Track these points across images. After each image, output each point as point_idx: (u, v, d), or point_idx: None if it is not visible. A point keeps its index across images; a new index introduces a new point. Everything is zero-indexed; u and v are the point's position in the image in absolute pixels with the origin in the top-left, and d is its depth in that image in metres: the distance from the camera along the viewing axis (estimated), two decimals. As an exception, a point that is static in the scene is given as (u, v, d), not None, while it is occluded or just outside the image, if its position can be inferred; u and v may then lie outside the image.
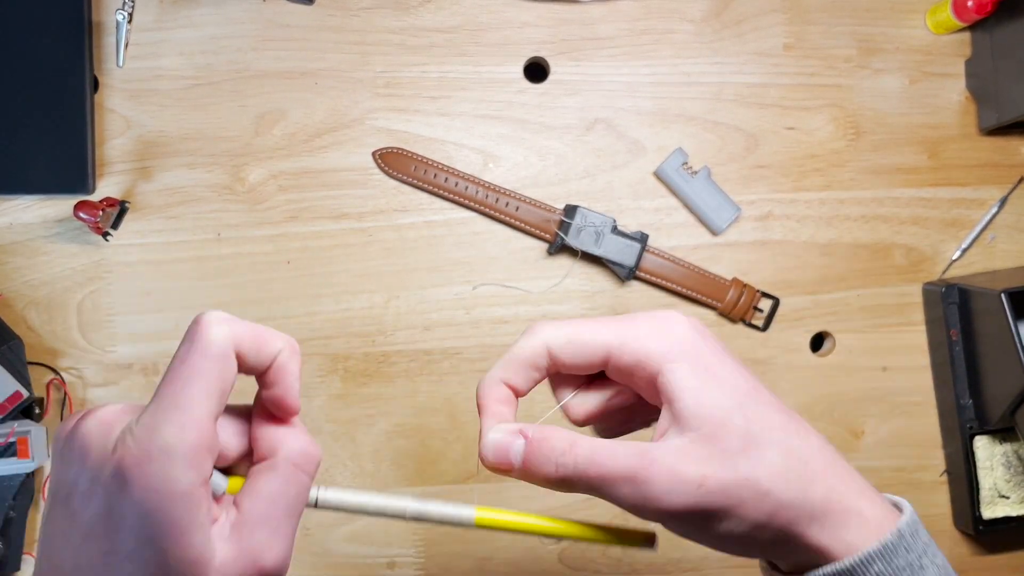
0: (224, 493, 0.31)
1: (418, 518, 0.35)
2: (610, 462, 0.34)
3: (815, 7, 0.64)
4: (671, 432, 0.34)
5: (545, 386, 0.39)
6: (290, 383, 0.32)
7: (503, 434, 0.35)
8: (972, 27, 0.65)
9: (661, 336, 0.34)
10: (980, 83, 0.65)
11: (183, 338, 0.31)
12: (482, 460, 0.36)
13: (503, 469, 0.36)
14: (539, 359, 0.36)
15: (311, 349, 0.62)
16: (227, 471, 0.32)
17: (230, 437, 0.32)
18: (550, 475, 0.35)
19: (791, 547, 0.33)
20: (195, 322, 0.31)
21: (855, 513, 0.33)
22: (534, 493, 0.64)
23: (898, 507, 0.35)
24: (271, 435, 0.32)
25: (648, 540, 0.37)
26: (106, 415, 0.30)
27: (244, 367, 0.31)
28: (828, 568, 0.33)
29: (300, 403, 0.32)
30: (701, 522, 0.33)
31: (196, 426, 0.29)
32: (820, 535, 0.33)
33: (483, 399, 0.37)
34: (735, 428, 0.33)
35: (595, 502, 0.36)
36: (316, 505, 0.33)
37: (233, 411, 0.33)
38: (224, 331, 0.30)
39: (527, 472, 0.36)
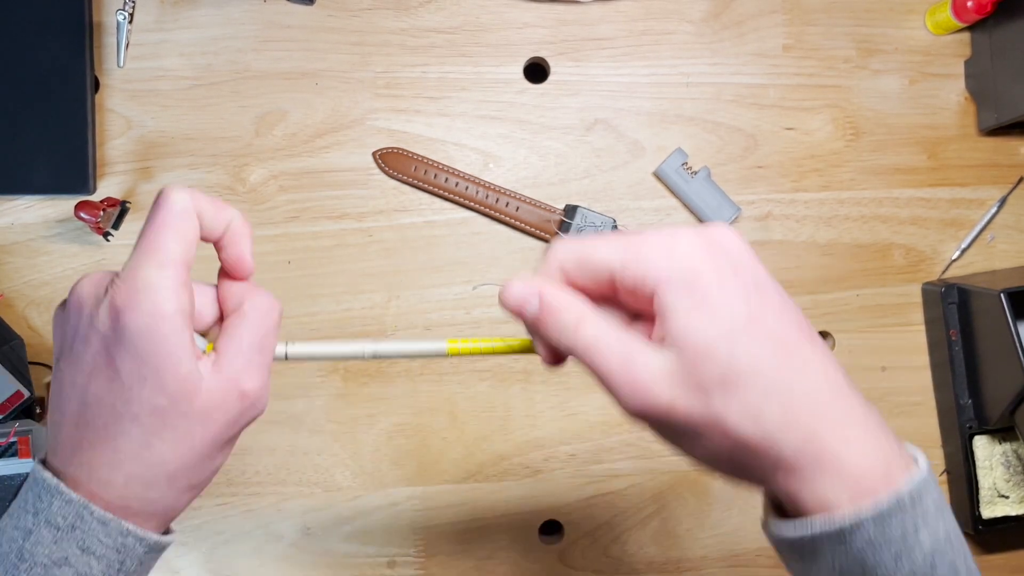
0: (204, 352, 0.36)
1: (377, 356, 0.39)
2: (599, 357, 0.33)
3: (815, 8, 0.65)
4: (661, 344, 0.33)
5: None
6: (244, 245, 0.38)
7: (524, 287, 0.35)
8: (971, 28, 0.65)
9: (663, 255, 0.33)
10: (979, 83, 0.65)
11: (152, 206, 0.36)
12: (500, 300, 0.36)
13: (516, 315, 0.36)
14: (555, 276, 0.36)
15: (311, 349, 0.62)
16: (204, 335, 0.37)
17: (202, 305, 0.37)
18: (553, 342, 0.35)
19: (764, 485, 0.33)
20: (161, 192, 0.36)
21: (833, 464, 0.32)
22: (529, 492, 0.64)
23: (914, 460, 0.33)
24: (236, 291, 0.38)
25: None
26: (95, 276, 0.36)
27: (204, 230, 0.37)
28: (796, 525, 0.32)
29: (254, 264, 0.38)
30: (667, 435, 0.34)
31: (172, 263, 0.35)
32: (788, 483, 0.32)
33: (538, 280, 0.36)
34: (716, 360, 0.32)
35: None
36: (287, 357, 0.39)
37: (202, 284, 0.38)
38: (185, 195, 0.36)
39: (537, 330, 0.36)
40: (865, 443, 0.32)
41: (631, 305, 0.36)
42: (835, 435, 0.32)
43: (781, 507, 0.34)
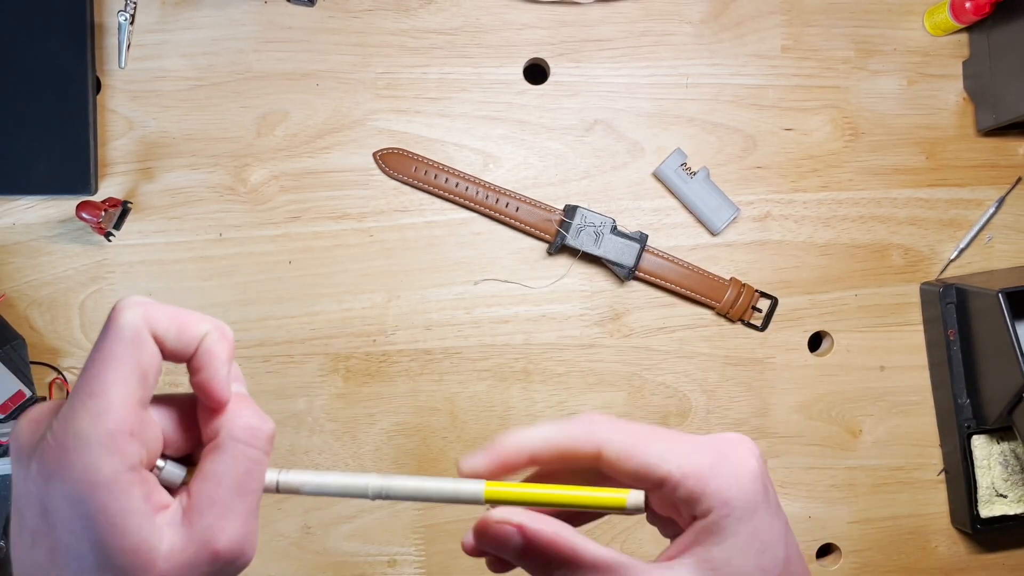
0: (182, 483, 0.30)
1: (380, 496, 0.33)
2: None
3: (813, 9, 0.65)
4: (687, 563, 0.33)
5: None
6: (216, 368, 0.29)
7: (501, 526, 0.35)
8: (970, 28, 0.65)
9: (729, 484, 0.32)
10: (977, 84, 0.65)
11: (103, 327, 0.29)
12: (469, 541, 0.36)
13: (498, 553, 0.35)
14: (585, 452, 0.33)
15: (312, 349, 0.62)
16: (187, 461, 0.31)
17: (177, 426, 0.30)
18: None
19: None
20: (112, 309, 0.29)
21: None
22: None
23: None
24: (211, 416, 0.30)
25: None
26: (36, 414, 0.29)
27: (166, 352, 0.29)
28: None
29: (229, 391, 0.30)
30: None
31: (112, 411, 0.27)
32: None
33: (496, 454, 0.35)
34: None
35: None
36: (278, 489, 0.31)
37: (180, 400, 0.31)
38: (136, 314, 0.28)
39: (522, 563, 0.35)
40: None
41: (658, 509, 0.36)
42: None
43: None
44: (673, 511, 0.34)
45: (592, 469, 0.33)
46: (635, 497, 0.33)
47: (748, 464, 0.32)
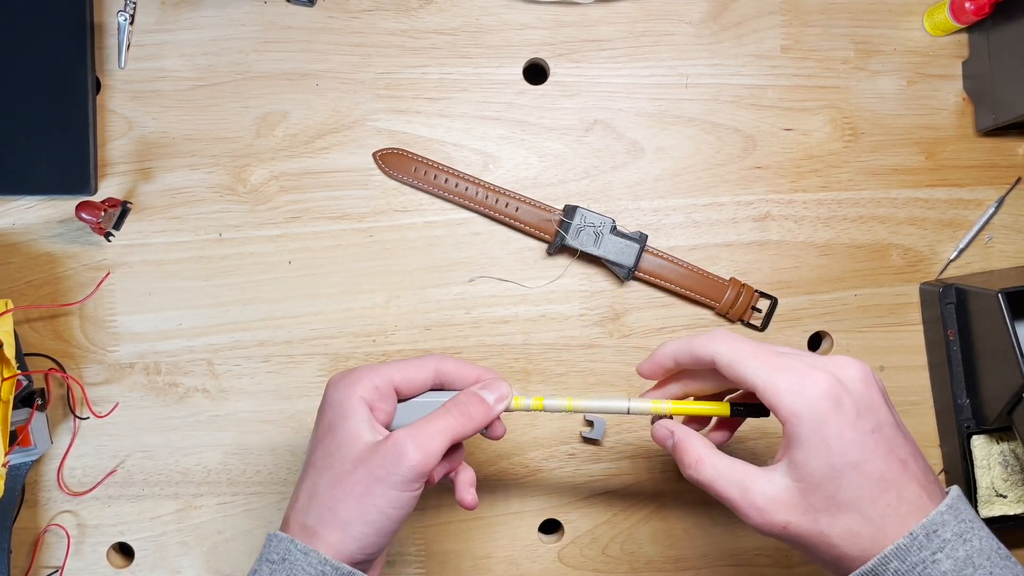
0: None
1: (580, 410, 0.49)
2: (721, 490, 0.44)
3: (813, 9, 0.65)
4: (781, 466, 0.42)
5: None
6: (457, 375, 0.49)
7: (662, 429, 0.48)
8: (969, 29, 0.65)
9: (796, 392, 0.42)
10: (977, 84, 0.65)
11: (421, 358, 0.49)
12: (653, 435, 0.49)
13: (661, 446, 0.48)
14: (705, 359, 0.46)
15: (312, 349, 0.62)
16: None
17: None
18: (683, 471, 0.46)
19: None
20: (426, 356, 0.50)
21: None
22: (529, 491, 0.64)
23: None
24: (465, 387, 0.49)
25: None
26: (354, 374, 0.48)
27: (448, 385, 0.49)
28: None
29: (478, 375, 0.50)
30: (786, 543, 0.43)
31: (381, 375, 0.48)
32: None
33: (655, 361, 0.49)
34: (826, 491, 0.41)
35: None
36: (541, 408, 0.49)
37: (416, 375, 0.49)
38: (433, 363, 0.49)
39: (673, 455, 0.47)
40: (915, 518, 0.41)
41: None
42: (902, 530, 0.41)
43: None
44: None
45: (715, 374, 0.46)
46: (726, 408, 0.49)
47: (817, 383, 0.41)
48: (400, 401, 0.48)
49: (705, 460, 0.45)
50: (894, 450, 0.42)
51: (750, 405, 0.48)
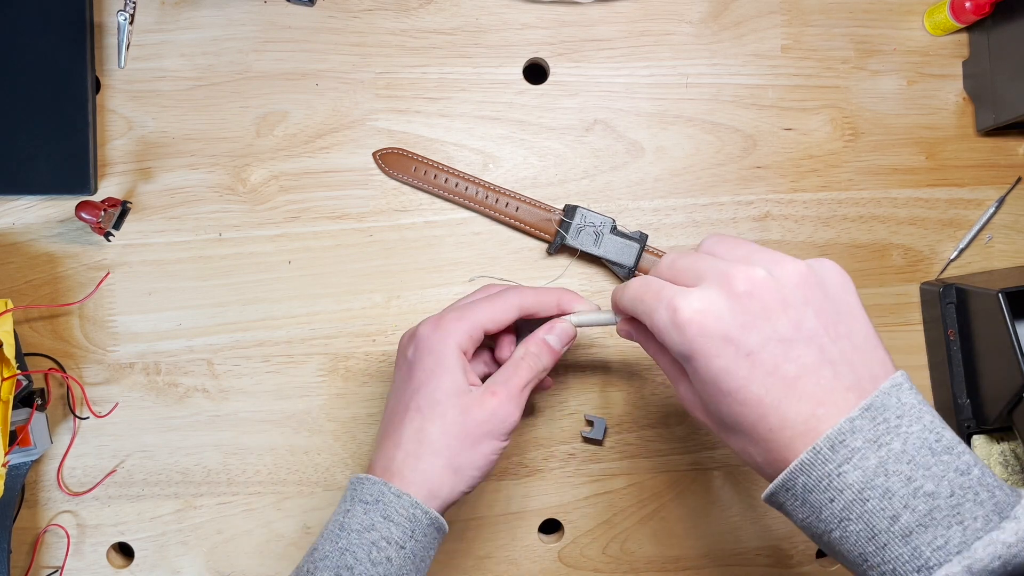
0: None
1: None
2: (667, 376, 0.47)
3: (813, 9, 0.65)
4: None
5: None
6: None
7: (625, 328, 0.50)
8: (969, 28, 0.65)
9: (668, 330, 0.42)
10: (977, 84, 0.65)
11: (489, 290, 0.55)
12: (618, 332, 0.51)
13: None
14: (626, 314, 0.48)
15: (312, 349, 0.62)
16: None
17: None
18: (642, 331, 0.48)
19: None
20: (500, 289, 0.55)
21: (802, 429, 0.39)
22: (529, 491, 0.64)
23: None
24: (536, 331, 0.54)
25: None
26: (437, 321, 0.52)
27: (529, 312, 0.54)
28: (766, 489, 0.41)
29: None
30: (684, 364, 0.42)
31: (471, 321, 0.52)
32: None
33: (621, 315, 0.50)
34: (715, 416, 0.42)
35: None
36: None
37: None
38: (516, 297, 0.54)
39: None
40: (807, 439, 0.39)
41: None
42: (788, 453, 0.39)
43: None
44: None
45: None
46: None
47: (680, 317, 0.41)
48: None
49: (662, 353, 0.47)
50: (779, 367, 0.39)
51: None
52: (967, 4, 0.61)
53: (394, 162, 0.62)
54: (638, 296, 0.44)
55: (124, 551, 0.63)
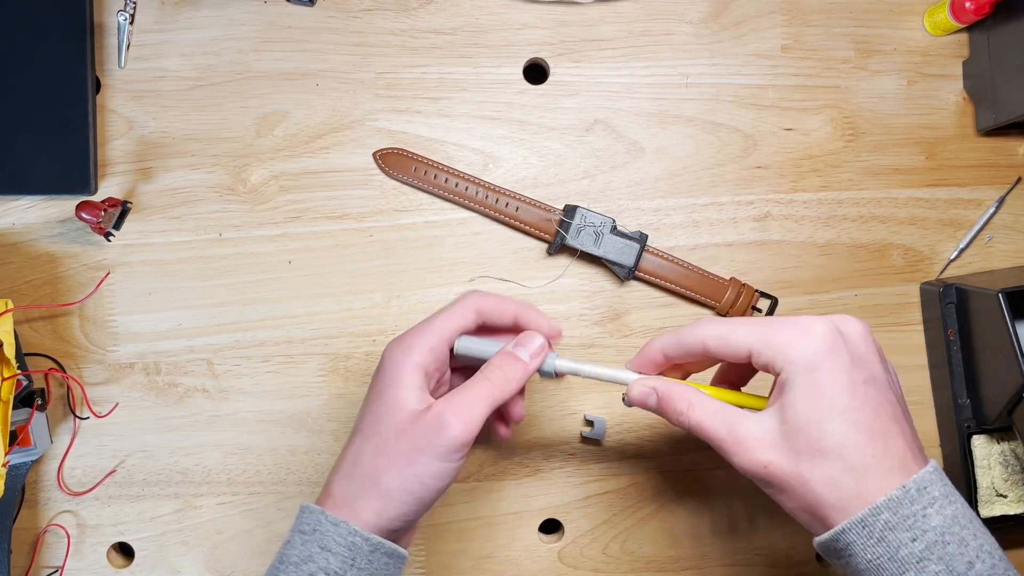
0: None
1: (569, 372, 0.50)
2: (710, 430, 0.44)
3: (813, 9, 0.65)
4: (771, 410, 0.43)
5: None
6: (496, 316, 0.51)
7: (642, 387, 0.47)
8: (970, 28, 0.65)
9: (792, 342, 0.42)
10: (977, 84, 0.65)
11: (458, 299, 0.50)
12: (628, 399, 0.48)
13: (642, 407, 0.48)
14: (695, 348, 0.46)
15: (312, 349, 0.62)
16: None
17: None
18: (674, 423, 0.46)
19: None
20: (464, 295, 0.51)
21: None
22: (529, 491, 0.64)
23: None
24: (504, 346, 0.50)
25: None
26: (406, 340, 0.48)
27: (489, 322, 0.50)
28: (832, 530, 0.41)
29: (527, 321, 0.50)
30: (765, 487, 0.44)
31: (416, 349, 0.48)
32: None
33: (645, 356, 0.49)
34: (810, 435, 0.41)
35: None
36: (555, 373, 0.50)
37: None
38: (475, 300, 0.50)
39: (660, 414, 0.47)
40: (899, 475, 0.41)
41: (729, 374, 0.52)
42: (884, 487, 0.41)
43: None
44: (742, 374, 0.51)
45: (710, 356, 0.47)
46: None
47: (814, 330, 0.42)
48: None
49: (696, 404, 0.45)
50: (884, 405, 0.42)
51: None
52: (967, 4, 0.61)
53: (394, 162, 0.62)
54: (734, 323, 0.45)
55: (124, 551, 0.63)
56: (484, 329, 0.50)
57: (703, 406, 0.45)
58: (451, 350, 0.49)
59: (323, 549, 0.44)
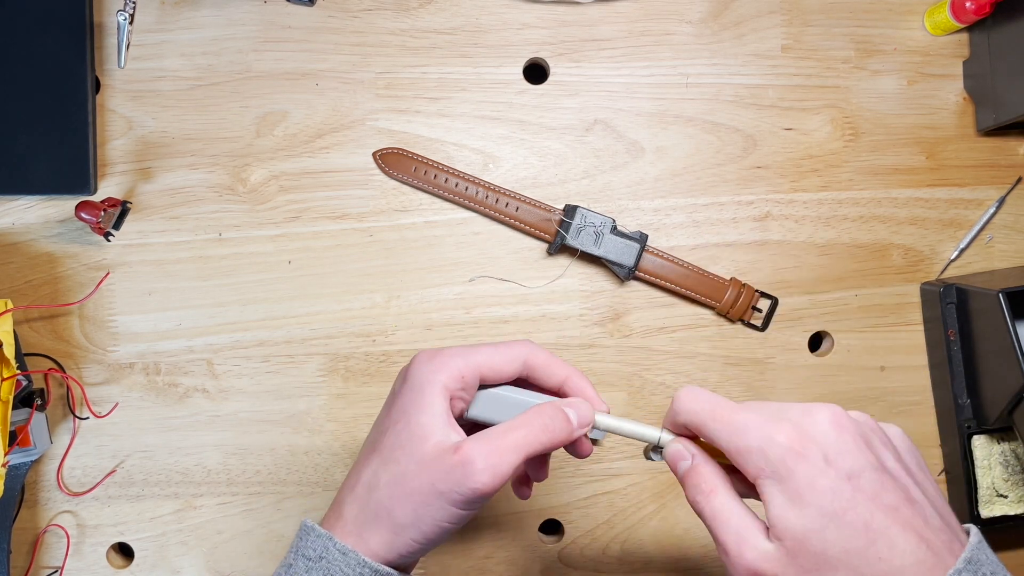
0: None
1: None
2: (721, 528, 0.40)
3: (813, 9, 0.65)
4: (770, 535, 0.39)
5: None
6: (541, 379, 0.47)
7: (681, 447, 0.44)
8: (970, 28, 0.65)
9: (758, 452, 0.39)
10: (978, 84, 0.65)
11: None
12: (664, 456, 0.45)
13: (671, 466, 0.44)
14: (685, 427, 0.43)
15: (312, 349, 0.62)
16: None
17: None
18: (688, 498, 0.42)
19: None
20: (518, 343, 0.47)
21: None
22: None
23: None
24: (544, 399, 0.46)
25: None
26: (435, 355, 0.45)
27: (538, 381, 0.47)
28: None
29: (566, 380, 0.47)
30: None
31: (466, 366, 0.44)
32: None
33: (670, 419, 0.44)
34: (811, 549, 0.37)
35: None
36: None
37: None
38: (524, 349, 0.47)
39: (682, 483, 0.43)
40: (930, 572, 0.37)
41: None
42: None
43: None
44: None
45: None
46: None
47: (778, 437, 0.38)
48: (482, 387, 0.45)
49: (719, 492, 0.41)
50: (879, 496, 0.38)
51: None
52: (967, 4, 0.61)
53: (394, 162, 0.62)
54: (710, 413, 0.41)
55: (124, 551, 0.62)
56: (518, 384, 0.47)
57: (723, 501, 0.41)
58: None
59: None
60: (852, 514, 0.37)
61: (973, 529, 0.40)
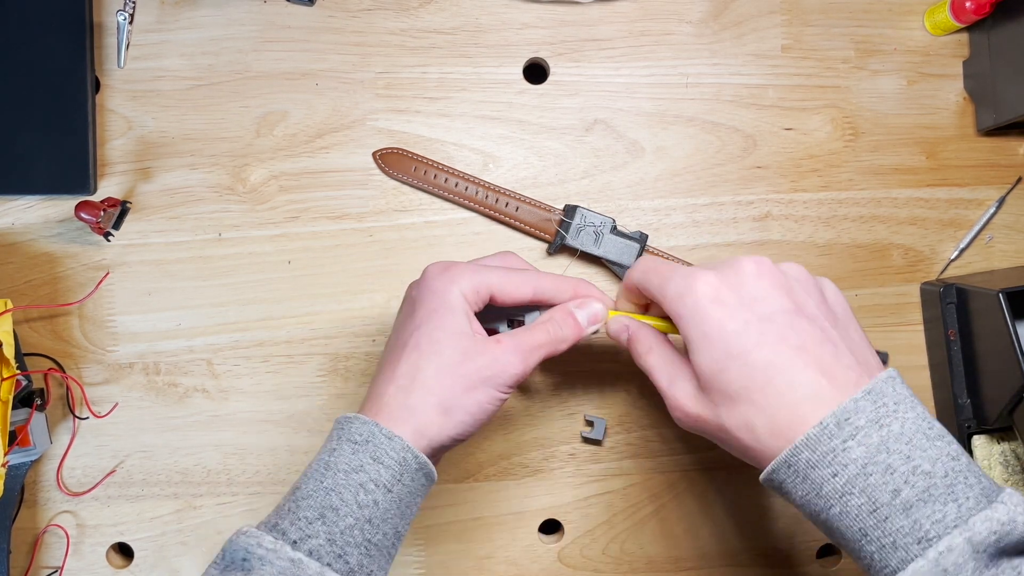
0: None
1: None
2: (657, 377, 0.48)
3: (813, 9, 0.65)
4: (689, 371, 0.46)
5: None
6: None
7: (620, 323, 0.52)
8: (970, 28, 0.65)
9: (681, 297, 0.44)
10: (978, 84, 0.65)
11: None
12: (607, 330, 0.52)
13: (616, 341, 0.52)
14: (637, 287, 0.50)
15: (312, 349, 0.62)
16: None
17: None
18: (636, 362, 0.50)
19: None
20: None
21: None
22: (529, 491, 0.64)
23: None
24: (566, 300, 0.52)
25: None
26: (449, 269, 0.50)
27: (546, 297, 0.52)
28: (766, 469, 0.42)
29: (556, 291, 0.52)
30: (705, 436, 0.46)
31: (484, 271, 0.50)
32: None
33: (623, 289, 0.52)
34: (718, 385, 0.43)
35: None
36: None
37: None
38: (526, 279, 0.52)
39: (629, 351, 0.51)
40: (812, 405, 0.41)
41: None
42: (808, 421, 0.40)
43: None
44: None
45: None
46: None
47: (698, 285, 0.44)
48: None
49: (655, 349, 0.48)
50: (787, 337, 0.42)
51: None
52: (967, 4, 0.61)
53: (394, 162, 0.62)
54: (652, 268, 0.47)
55: (124, 551, 0.62)
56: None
57: (659, 354, 0.48)
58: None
59: (375, 461, 0.44)
60: (756, 354, 0.41)
61: (891, 369, 0.42)
